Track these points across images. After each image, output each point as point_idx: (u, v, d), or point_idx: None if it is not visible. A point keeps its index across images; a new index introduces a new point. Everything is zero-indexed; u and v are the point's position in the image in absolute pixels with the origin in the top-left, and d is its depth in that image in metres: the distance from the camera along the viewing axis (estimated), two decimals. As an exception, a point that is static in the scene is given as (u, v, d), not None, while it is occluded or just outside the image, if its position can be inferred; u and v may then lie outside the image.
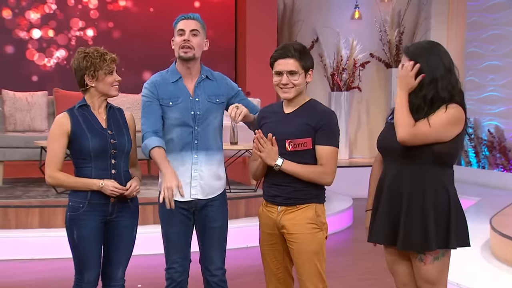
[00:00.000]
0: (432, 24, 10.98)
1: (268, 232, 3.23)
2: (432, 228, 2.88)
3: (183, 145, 3.37)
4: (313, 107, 3.16)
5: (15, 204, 6.24)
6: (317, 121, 3.08)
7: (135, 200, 3.41)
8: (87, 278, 3.30)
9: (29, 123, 7.84)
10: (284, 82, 3.09)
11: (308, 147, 3.09)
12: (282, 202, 3.14)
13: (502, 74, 9.80)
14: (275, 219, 3.16)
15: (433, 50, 2.96)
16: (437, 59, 2.94)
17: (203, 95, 3.39)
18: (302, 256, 3.11)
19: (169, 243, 3.47)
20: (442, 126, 2.85)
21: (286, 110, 3.17)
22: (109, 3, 9.97)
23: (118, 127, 3.33)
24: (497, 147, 9.57)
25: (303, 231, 3.10)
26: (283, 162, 3.07)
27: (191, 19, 3.40)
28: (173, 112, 3.36)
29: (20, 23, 9.61)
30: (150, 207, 6.37)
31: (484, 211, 7.12)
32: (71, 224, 3.27)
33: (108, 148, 3.25)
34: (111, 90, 3.29)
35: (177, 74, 3.41)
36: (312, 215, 3.12)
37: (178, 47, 3.36)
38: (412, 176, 2.93)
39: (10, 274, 5.52)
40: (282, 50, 3.12)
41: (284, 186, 3.12)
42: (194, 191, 3.40)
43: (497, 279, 4.82)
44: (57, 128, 3.25)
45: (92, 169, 3.25)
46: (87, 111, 3.30)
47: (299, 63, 3.09)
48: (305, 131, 3.08)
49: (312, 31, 10.77)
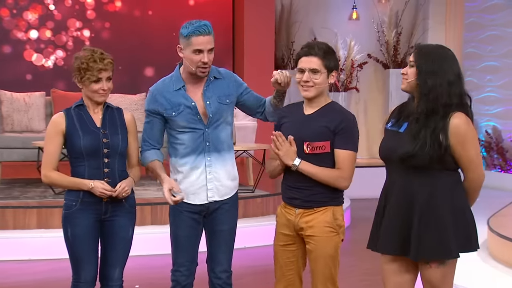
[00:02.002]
0: (430, 24, 10.98)
1: (284, 233, 3.22)
2: (450, 235, 2.84)
3: (196, 148, 3.35)
4: (333, 109, 3.15)
5: (13, 205, 6.23)
6: (336, 124, 3.07)
7: (131, 200, 3.41)
8: (84, 278, 3.29)
9: (27, 124, 7.83)
10: (305, 79, 3.08)
11: (326, 150, 3.08)
12: (300, 204, 3.15)
13: (500, 75, 9.82)
14: (293, 221, 3.17)
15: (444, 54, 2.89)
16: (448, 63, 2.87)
17: (214, 97, 3.35)
18: (317, 258, 3.13)
19: (177, 246, 3.43)
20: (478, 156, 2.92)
21: (306, 111, 3.16)
22: (106, 4, 9.96)
23: (113, 127, 3.32)
24: (495, 148, 9.58)
25: (320, 234, 3.11)
26: (300, 163, 3.07)
27: (207, 35, 3.22)
28: (178, 120, 3.33)
29: (18, 24, 9.60)
30: (148, 207, 6.37)
31: (481, 212, 7.08)
32: (65, 222, 3.29)
33: (100, 147, 3.25)
34: (95, 96, 3.27)
35: (181, 82, 3.35)
36: (330, 218, 3.12)
37: (194, 66, 3.26)
38: (420, 183, 2.87)
39: (7, 274, 5.51)
40: (306, 48, 3.12)
41: (303, 189, 3.12)
42: (210, 194, 3.38)
43: (495, 280, 4.83)
44: (52, 128, 3.27)
45: (85, 168, 3.26)
46: (83, 110, 3.31)
47: (322, 62, 3.08)
48: (324, 134, 3.08)
49: (310, 31, 10.77)
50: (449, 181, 2.89)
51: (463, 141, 2.83)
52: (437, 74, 2.83)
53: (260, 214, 6.86)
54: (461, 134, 2.83)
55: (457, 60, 2.93)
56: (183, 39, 3.26)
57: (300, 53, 3.13)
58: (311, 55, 3.08)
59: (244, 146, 7.16)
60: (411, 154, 2.82)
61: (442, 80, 2.83)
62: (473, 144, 2.87)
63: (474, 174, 2.90)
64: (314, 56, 3.08)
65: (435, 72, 2.83)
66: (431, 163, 2.83)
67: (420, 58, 2.87)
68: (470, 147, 2.85)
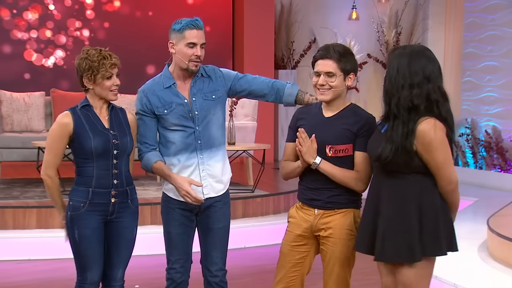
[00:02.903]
0: (430, 24, 10.99)
1: (298, 234, 3.17)
2: (414, 238, 2.81)
3: (186, 147, 3.35)
4: (355, 112, 3.13)
5: (13, 205, 6.23)
6: (358, 127, 3.05)
7: (135, 201, 3.41)
8: (90, 279, 3.28)
9: (26, 124, 7.84)
10: (321, 83, 3.07)
11: (349, 153, 3.06)
12: (321, 205, 3.11)
13: (500, 75, 9.81)
14: (312, 222, 3.13)
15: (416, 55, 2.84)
16: (412, 66, 2.82)
17: (199, 93, 3.36)
18: (333, 260, 3.11)
19: (170, 244, 3.45)
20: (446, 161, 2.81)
21: (326, 114, 3.14)
22: (105, 3, 9.96)
23: (120, 127, 3.32)
24: (495, 148, 9.57)
25: (339, 236, 3.08)
26: (321, 161, 3.04)
27: (200, 30, 3.30)
28: (170, 118, 3.34)
29: (18, 24, 9.60)
30: (148, 207, 6.37)
31: (481, 212, 7.12)
32: (72, 223, 3.25)
33: (110, 148, 3.24)
34: (109, 94, 3.27)
35: (171, 79, 3.37)
36: (350, 221, 3.10)
37: (186, 59, 3.28)
38: (390, 185, 2.88)
39: (7, 275, 5.51)
40: (323, 51, 3.09)
41: (323, 190, 3.10)
42: (206, 191, 3.37)
43: (494, 280, 4.83)
44: (59, 129, 3.23)
45: (94, 169, 3.24)
46: (90, 111, 3.28)
47: (337, 65, 3.06)
48: (346, 137, 3.05)
49: (310, 31, 10.77)
50: (419, 184, 2.84)
51: (429, 148, 2.78)
52: (394, 78, 2.82)
53: (260, 214, 6.85)
54: (427, 141, 2.78)
55: (430, 60, 2.85)
56: (175, 34, 3.29)
57: (317, 56, 3.10)
58: (327, 58, 3.06)
59: (244, 146, 7.15)
60: (380, 156, 2.83)
61: (398, 84, 2.81)
62: (441, 150, 2.79)
63: (443, 181, 2.83)
64: (330, 59, 3.05)
65: (391, 76, 2.83)
66: (399, 167, 2.82)
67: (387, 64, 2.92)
68: (437, 154, 2.79)
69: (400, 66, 2.82)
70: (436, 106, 2.82)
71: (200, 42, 3.30)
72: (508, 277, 4.79)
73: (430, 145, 2.78)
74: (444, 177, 2.83)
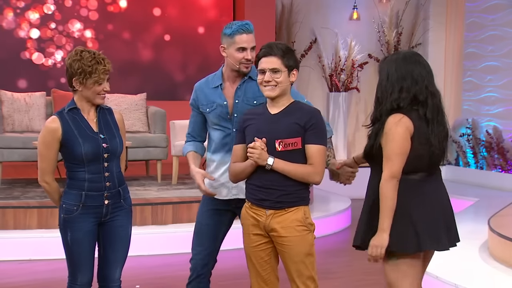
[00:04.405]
0: (431, 24, 10.98)
1: (255, 233, 3.19)
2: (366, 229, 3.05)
3: (223, 146, 3.46)
4: (300, 107, 3.19)
5: (14, 205, 6.24)
6: (306, 121, 3.10)
7: (128, 200, 3.41)
8: (80, 280, 3.29)
9: (27, 124, 7.84)
10: (267, 79, 3.12)
11: (298, 146, 3.10)
12: (271, 205, 3.13)
13: (501, 75, 9.81)
14: (264, 222, 3.15)
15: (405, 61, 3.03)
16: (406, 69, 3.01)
17: (242, 97, 3.45)
18: (293, 258, 3.12)
19: (196, 233, 3.55)
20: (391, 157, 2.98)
21: (272, 111, 3.18)
22: (108, 4, 9.97)
23: (109, 130, 3.30)
24: (495, 148, 9.57)
25: (294, 233, 3.11)
26: (274, 161, 3.07)
27: (249, 33, 3.43)
28: (211, 117, 3.49)
29: (20, 23, 9.61)
30: (149, 208, 6.38)
31: (482, 212, 7.13)
32: (65, 226, 3.25)
33: (100, 153, 3.23)
34: (97, 98, 3.25)
35: (219, 80, 3.50)
36: (301, 217, 3.13)
37: (238, 62, 3.40)
38: (373, 179, 3.08)
39: (8, 275, 5.51)
40: (265, 49, 3.17)
41: (273, 190, 3.11)
42: (235, 191, 3.45)
43: (495, 280, 4.83)
44: (49, 135, 3.22)
45: (85, 173, 3.23)
46: (77, 114, 3.26)
47: (281, 61, 3.13)
48: (295, 131, 3.10)
49: (311, 32, 10.77)
50: (378, 176, 2.99)
51: (385, 137, 2.97)
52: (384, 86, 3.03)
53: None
54: (386, 131, 2.97)
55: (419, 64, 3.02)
56: (226, 38, 3.42)
57: (260, 54, 3.18)
58: (271, 55, 3.14)
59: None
60: (365, 152, 3.10)
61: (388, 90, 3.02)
62: (393, 143, 2.94)
63: (383, 172, 2.96)
64: (274, 56, 3.13)
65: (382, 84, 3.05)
66: (374, 161, 3.04)
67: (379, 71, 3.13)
68: (388, 144, 2.95)
69: (390, 73, 3.01)
70: (422, 107, 3.00)
71: (250, 46, 3.42)
72: (509, 278, 4.79)
73: (386, 134, 2.96)
74: (385, 168, 2.96)
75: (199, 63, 10.12)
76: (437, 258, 3.09)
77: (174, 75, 10.29)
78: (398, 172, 2.95)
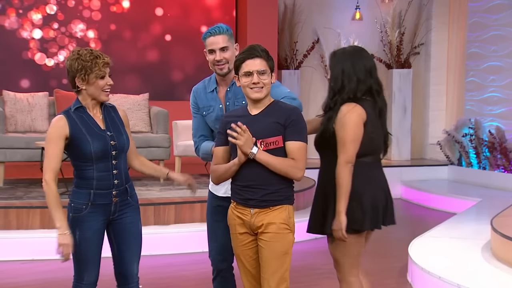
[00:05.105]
0: (433, 25, 10.97)
1: (241, 233, 3.23)
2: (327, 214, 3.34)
3: None
4: (280, 106, 3.21)
5: (16, 205, 6.25)
6: (285, 119, 3.13)
7: (135, 196, 3.42)
8: (87, 279, 3.29)
9: (30, 124, 7.85)
10: (255, 81, 3.13)
11: (280, 145, 3.12)
12: (255, 204, 3.16)
13: (503, 75, 9.80)
14: (249, 221, 3.18)
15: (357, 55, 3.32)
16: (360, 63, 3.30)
17: (232, 99, 3.51)
18: (271, 255, 3.14)
19: (209, 229, 3.65)
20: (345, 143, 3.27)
21: (253, 112, 3.21)
22: (111, 5, 9.98)
23: (115, 127, 3.32)
24: (498, 148, 9.56)
25: (276, 231, 3.13)
26: (258, 151, 3.09)
27: (218, 35, 3.47)
28: (208, 120, 3.59)
29: (22, 24, 9.62)
30: (151, 208, 6.39)
31: (485, 212, 7.11)
32: (74, 225, 3.25)
33: (109, 150, 3.25)
34: (101, 94, 3.26)
35: (214, 84, 3.58)
36: (285, 216, 3.16)
37: (211, 64, 3.50)
38: (322, 164, 3.42)
39: (11, 275, 5.52)
40: (248, 51, 3.18)
41: (257, 189, 3.13)
42: None
43: (498, 280, 4.82)
44: (56, 132, 3.21)
45: (93, 172, 3.24)
46: (84, 113, 3.27)
47: (266, 63, 3.17)
48: (275, 130, 3.12)
49: (313, 32, 10.77)
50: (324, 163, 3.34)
51: (339, 123, 3.22)
52: (340, 78, 3.32)
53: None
54: (340, 117, 3.23)
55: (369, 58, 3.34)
56: (205, 43, 3.52)
57: (243, 57, 3.17)
58: (256, 57, 3.15)
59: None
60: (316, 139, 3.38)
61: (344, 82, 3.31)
62: (347, 128, 3.20)
63: (339, 157, 3.22)
64: (259, 57, 3.16)
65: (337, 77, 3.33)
66: (323, 147, 3.33)
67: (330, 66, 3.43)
68: (342, 131, 3.21)
69: (345, 67, 3.29)
70: (374, 97, 3.31)
71: (218, 47, 3.46)
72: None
73: (341, 121, 3.21)
74: (340, 153, 3.22)
75: (201, 63, 10.13)
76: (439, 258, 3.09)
77: (177, 76, 10.30)
78: (352, 157, 3.20)
